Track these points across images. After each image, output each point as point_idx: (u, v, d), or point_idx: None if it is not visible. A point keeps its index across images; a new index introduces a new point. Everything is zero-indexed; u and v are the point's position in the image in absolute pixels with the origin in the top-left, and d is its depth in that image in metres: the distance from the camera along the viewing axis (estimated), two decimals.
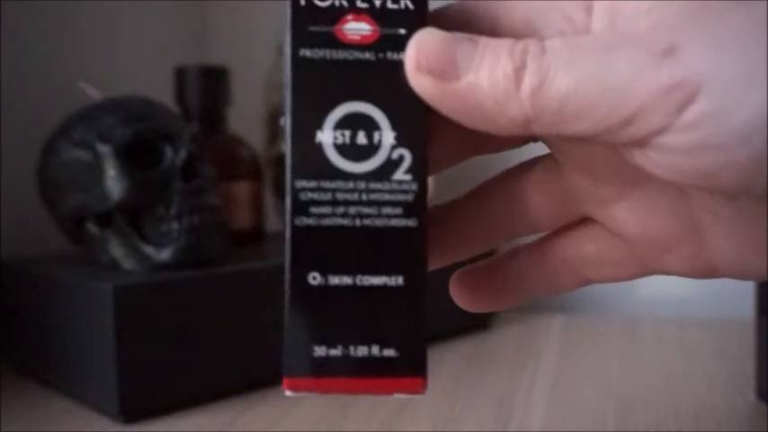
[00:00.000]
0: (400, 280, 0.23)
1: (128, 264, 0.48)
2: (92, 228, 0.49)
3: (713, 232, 0.24)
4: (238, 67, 0.65)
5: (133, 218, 0.48)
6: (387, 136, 0.23)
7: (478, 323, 0.62)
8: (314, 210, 0.23)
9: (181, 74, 0.60)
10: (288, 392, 0.23)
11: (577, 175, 0.26)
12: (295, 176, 0.23)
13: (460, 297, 0.28)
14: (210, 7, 0.81)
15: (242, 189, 0.60)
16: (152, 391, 0.45)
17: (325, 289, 0.23)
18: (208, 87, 0.60)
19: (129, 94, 0.53)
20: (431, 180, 0.26)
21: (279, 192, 0.65)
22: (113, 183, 0.48)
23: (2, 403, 0.48)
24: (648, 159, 0.21)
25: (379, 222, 0.23)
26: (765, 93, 0.19)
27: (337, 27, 0.23)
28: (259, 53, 0.70)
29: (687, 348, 0.57)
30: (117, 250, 0.48)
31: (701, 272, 0.25)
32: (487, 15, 0.24)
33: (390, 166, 0.23)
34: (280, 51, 0.65)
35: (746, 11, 0.20)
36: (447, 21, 0.24)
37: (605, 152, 0.24)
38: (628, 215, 0.25)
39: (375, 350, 0.23)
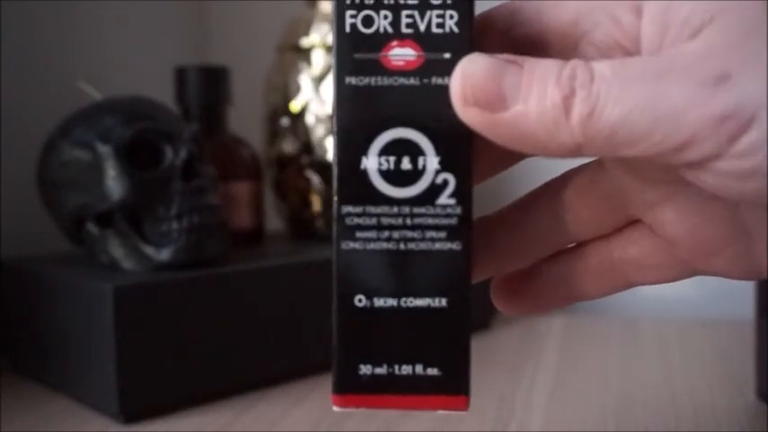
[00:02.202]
0: (443, 302, 0.24)
1: (128, 264, 0.48)
2: (92, 228, 0.49)
3: (762, 235, 0.24)
4: (238, 67, 0.65)
5: (133, 218, 0.48)
6: (431, 161, 0.23)
7: (479, 323, 0.62)
8: (359, 234, 0.24)
9: (181, 74, 0.60)
10: (336, 408, 0.24)
11: (626, 179, 0.26)
12: (341, 202, 0.24)
13: (503, 302, 0.28)
14: (210, 7, 0.81)
15: (242, 189, 0.60)
16: (152, 391, 0.45)
17: (370, 311, 0.24)
18: (208, 87, 0.60)
19: (129, 94, 0.53)
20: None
21: (279, 192, 0.65)
22: (113, 183, 0.48)
23: (2, 403, 0.48)
24: (700, 179, 0.21)
25: (423, 246, 0.24)
26: None
27: (382, 54, 0.23)
28: (259, 53, 0.70)
29: (687, 348, 0.57)
30: (117, 250, 0.48)
31: (749, 273, 0.25)
32: (535, 17, 0.24)
33: (434, 190, 0.23)
34: (280, 51, 0.65)
35: None
36: (492, 25, 0.24)
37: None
38: (676, 218, 0.25)
39: (419, 369, 0.24)
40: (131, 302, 0.44)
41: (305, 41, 0.61)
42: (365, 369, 0.24)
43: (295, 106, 0.62)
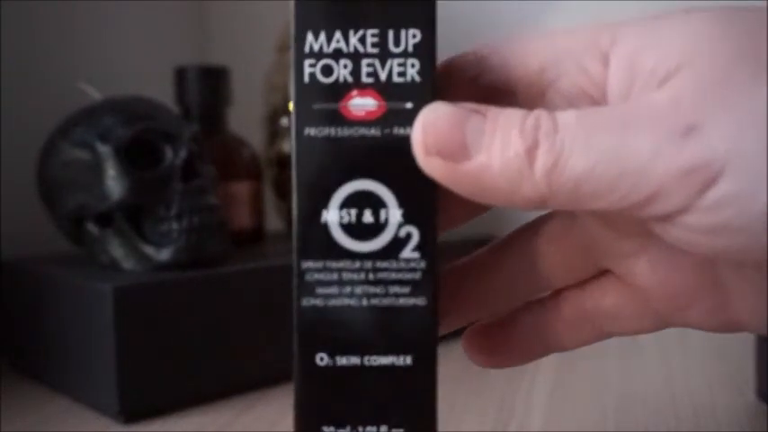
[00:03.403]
0: (408, 359, 0.23)
1: (128, 264, 0.48)
2: (92, 228, 0.49)
3: (739, 289, 0.24)
4: (238, 67, 0.65)
5: (133, 218, 0.48)
6: (393, 214, 0.23)
7: None
8: (320, 290, 0.23)
9: (181, 74, 0.60)
10: None
11: (597, 230, 0.25)
12: (301, 257, 0.23)
13: (475, 356, 0.28)
14: (210, 7, 0.81)
15: (242, 189, 0.60)
16: (152, 391, 0.45)
17: (332, 369, 0.23)
18: (208, 87, 0.60)
19: (129, 94, 0.53)
20: None
21: (279, 192, 0.65)
22: (113, 183, 0.48)
23: (2, 403, 0.48)
24: (669, 234, 0.21)
25: (386, 302, 0.23)
26: None
27: (342, 104, 0.23)
28: (259, 53, 0.70)
29: (687, 348, 0.57)
30: (117, 250, 0.48)
31: (725, 326, 0.25)
32: (502, 65, 0.23)
33: (398, 244, 0.23)
34: (280, 51, 0.65)
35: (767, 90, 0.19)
36: (459, 72, 0.24)
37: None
38: (648, 270, 0.25)
39: (384, 430, 0.23)
40: (131, 302, 0.44)
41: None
42: (328, 430, 0.23)
43: None
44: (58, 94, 0.61)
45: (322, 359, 0.23)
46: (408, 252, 0.23)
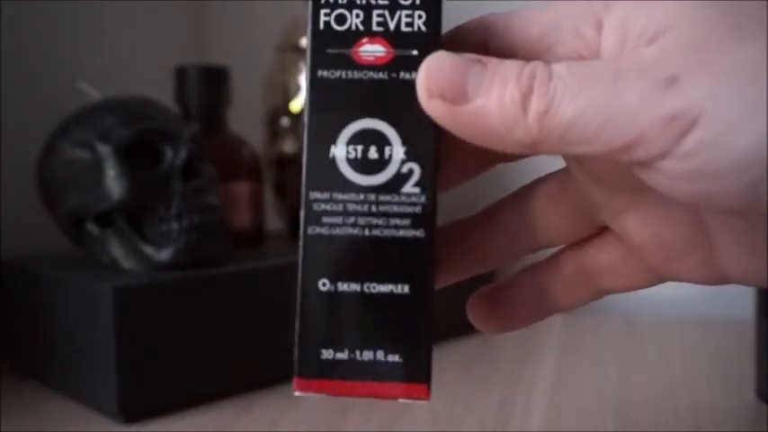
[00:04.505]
0: (406, 288, 0.24)
1: (128, 264, 0.48)
2: (92, 228, 0.49)
3: (724, 240, 0.25)
4: (238, 67, 0.65)
5: (133, 218, 0.48)
6: (397, 151, 0.24)
7: None
8: (326, 219, 0.24)
9: (181, 74, 0.60)
10: (297, 392, 0.24)
11: (591, 186, 0.26)
12: (309, 188, 0.24)
13: (480, 321, 0.29)
14: (210, 7, 0.81)
15: (242, 189, 0.60)
16: (152, 391, 0.45)
17: (333, 295, 0.24)
18: (208, 87, 0.60)
19: (129, 94, 0.53)
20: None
21: (279, 192, 0.65)
22: (113, 183, 0.48)
23: (2, 403, 0.48)
24: (651, 179, 0.22)
25: (387, 233, 0.24)
26: (764, 126, 0.19)
27: (353, 49, 0.24)
28: (259, 53, 0.70)
29: (687, 348, 0.57)
30: (117, 250, 0.48)
31: (713, 279, 0.26)
32: (505, 32, 0.25)
33: (400, 179, 0.24)
34: (280, 51, 0.65)
35: (748, 45, 0.20)
36: (466, 37, 0.25)
37: (617, 164, 0.24)
38: (640, 224, 0.26)
39: (380, 355, 0.24)
40: (131, 302, 0.44)
41: (305, 41, 0.61)
42: (327, 354, 0.24)
43: (295, 106, 0.62)
44: (58, 94, 0.61)
45: (324, 285, 0.24)
46: (410, 187, 0.24)
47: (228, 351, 0.48)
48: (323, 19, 0.24)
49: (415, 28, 0.24)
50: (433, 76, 0.22)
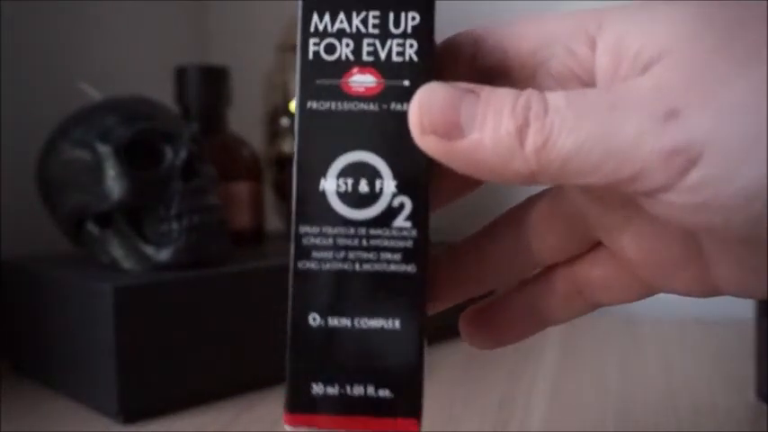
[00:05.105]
0: (397, 323, 0.24)
1: (128, 264, 0.48)
2: (92, 228, 0.49)
3: (719, 259, 0.25)
4: (238, 67, 0.65)
5: (133, 218, 0.48)
6: (388, 184, 0.24)
7: None
8: (315, 254, 0.24)
9: (181, 74, 0.60)
10: (287, 427, 0.24)
11: (585, 203, 0.26)
12: (299, 222, 0.24)
13: (472, 338, 0.29)
14: (210, 7, 0.81)
15: (242, 189, 0.60)
16: (152, 391, 0.45)
17: (324, 330, 0.24)
18: (208, 87, 0.60)
19: (129, 94, 0.53)
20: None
21: (279, 192, 0.65)
22: (113, 183, 0.48)
23: (2, 403, 0.48)
24: (654, 209, 0.22)
25: (378, 267, 0.24)
26: (765, 160, 0.19)
27: (343, 80, 0.24)
28: (259, 53, 0.70)
29: (687, 348, 0.57)
30: (117, 250, 0.48)
31: (707, 292, 0.26)
32: (498, 46, 0.25)
33: (391, 213, 0.24)
34: (280, 51, 0.65)
35: (748, 78, 0.20)
36: (457, 51, 0.25)
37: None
38: (633, 241, 0.26)
39: (371, 390, 0.24)
40: (131, 302, 0.44)
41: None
42: (317, 388, 0.24)
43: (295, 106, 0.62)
44: (58, 94, 0.61)
45: (314, 319, 0.24)
46: (401, 221, 0.24)
47: (228, 351, 0.48)
48: (312, 48, 0.24)
49: (407, 58, 0.24)
50: (425, 112, 0.22)
